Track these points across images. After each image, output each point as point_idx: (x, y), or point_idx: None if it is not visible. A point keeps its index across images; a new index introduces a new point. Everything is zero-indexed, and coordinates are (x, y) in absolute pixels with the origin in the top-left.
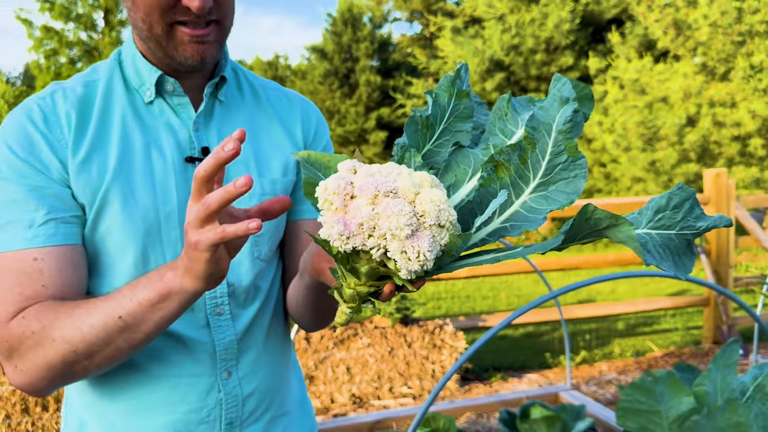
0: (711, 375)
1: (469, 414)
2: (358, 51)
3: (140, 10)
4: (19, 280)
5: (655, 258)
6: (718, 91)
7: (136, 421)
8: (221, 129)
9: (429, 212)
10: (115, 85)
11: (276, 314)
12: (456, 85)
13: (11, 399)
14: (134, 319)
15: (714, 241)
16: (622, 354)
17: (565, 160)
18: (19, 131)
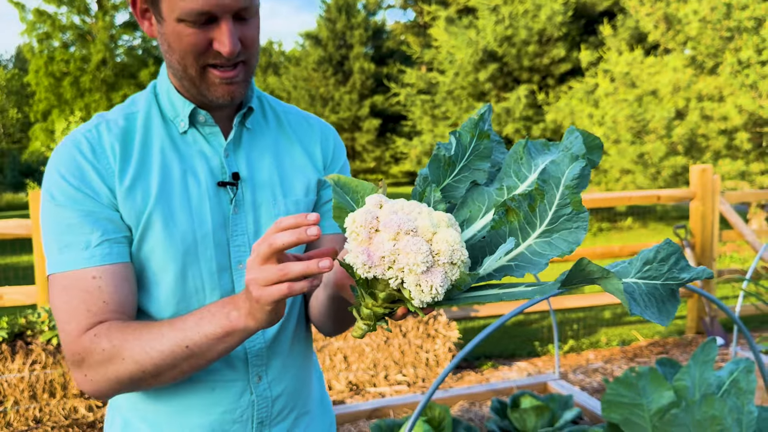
0: (690, 370)
1: (462, 402)
2: (352, 38)
3: (176, 53)
4: (83, 297)
5: (640, 306)
6: (707, 85)
7: (177, 420)
8: (249, 154)
9: (444, 251)
10: (153, 117)
11: (299, 322)
12: (479, 127)
13: (19, 386)
14: (200, 349)
15: (699, 235)
16: (608, 343)
17: (570, 212)
18: (70, 161)
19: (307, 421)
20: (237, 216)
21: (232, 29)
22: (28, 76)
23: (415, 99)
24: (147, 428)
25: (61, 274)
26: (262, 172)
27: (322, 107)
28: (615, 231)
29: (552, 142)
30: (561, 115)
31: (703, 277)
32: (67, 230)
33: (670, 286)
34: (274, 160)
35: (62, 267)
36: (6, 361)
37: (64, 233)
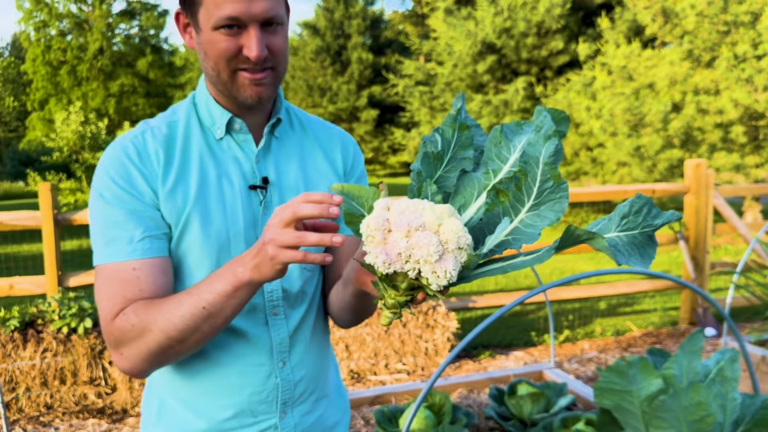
0: (678, 360)
1: (461, 390)
2: (350, 27)
3: (210, 60)
4: (122, 285)
5: (624, 256)
6: (703, 79)
7: (209, 401)
8: (277, 160)
9: (451, 239)
10: (192, 125)
11: (318, 314)
12: (458, 120)
13: (31, 373)
14: (215, 308)
15: (693, 228)
16: (603, 333)
17: (552, 185)
18: (118, 165)
19: (326, 404)
20: (266, 216)
21: (259, 36)
22: (25, 64)
23: (413, 90)
24: (182, 408)
25: (106, 265)
26: (289, 177)
27: (320, 97)
28: None
29: (524, 122)
30: (559, 108)
31: (673, 219)
32: (114, 226)
33: (647, 232)
34: (299, 165)
35: (107, 259)
36: (18, 349)
37: (111, 229)
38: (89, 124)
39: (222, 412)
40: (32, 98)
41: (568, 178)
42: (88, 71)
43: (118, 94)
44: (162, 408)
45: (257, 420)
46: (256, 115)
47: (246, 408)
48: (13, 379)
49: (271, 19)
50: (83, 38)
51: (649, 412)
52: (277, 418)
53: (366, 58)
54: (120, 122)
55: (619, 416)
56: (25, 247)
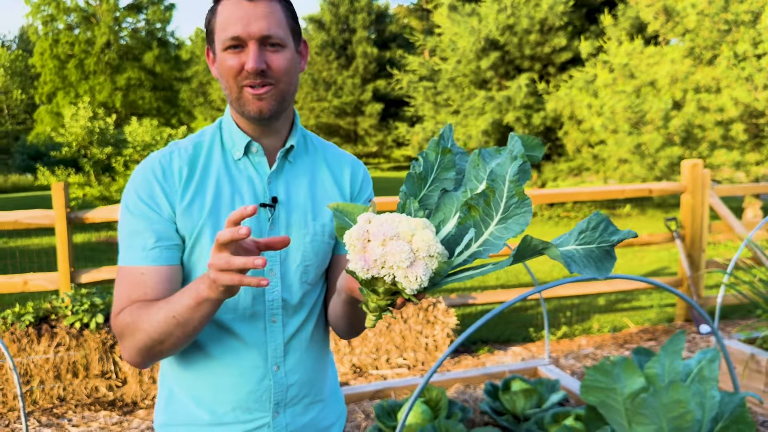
0: (660, 359)
1: (458, 385)
2: (355, 22)
3: (223, 79)
4: (129, 287)
5: (579, 266)
6: (705, 76)
7: (210, 395)
8: (288, 182)
9: (422, 248)
10: (215, 147)
11: (318, 325)
12: (440, 145)
13: (44, 366)
14: (183, 318)
15: (689, 227)
16: (600, 330)
17: (517, 201)
18: (144, 182)
19: (320, 407)
20: (272, 232)
21: (256, 51)
22: (33, 58)
23: (417, 86)
24: (188, 400)
25: (122, 267)
26: (298, 198)
27: (325, 91)
28: (614, 218)
29: (501, 147)
30: (561, 104)
31: (629, 236)
32: (133, 234)
33: (604, 247)
34: (308, 187)
35: (124, 262)
36: (32, 344)
37: (130, 236)
38: (97, 119)
39: (221, 406)
40: (40, 91)
41: (570, 174)
42: (95, 65)
43: (125, 87)
44: (170, 397)
45: (252, 417)
46: (271, 138)
47: (242, 405)
48: (28, 373)
49: (268, 38)
50: (90, 32)
51: (632, 409)
52: (270, 417)
53: (371, 53)
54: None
55: (604, 413)
56: (35, 240)
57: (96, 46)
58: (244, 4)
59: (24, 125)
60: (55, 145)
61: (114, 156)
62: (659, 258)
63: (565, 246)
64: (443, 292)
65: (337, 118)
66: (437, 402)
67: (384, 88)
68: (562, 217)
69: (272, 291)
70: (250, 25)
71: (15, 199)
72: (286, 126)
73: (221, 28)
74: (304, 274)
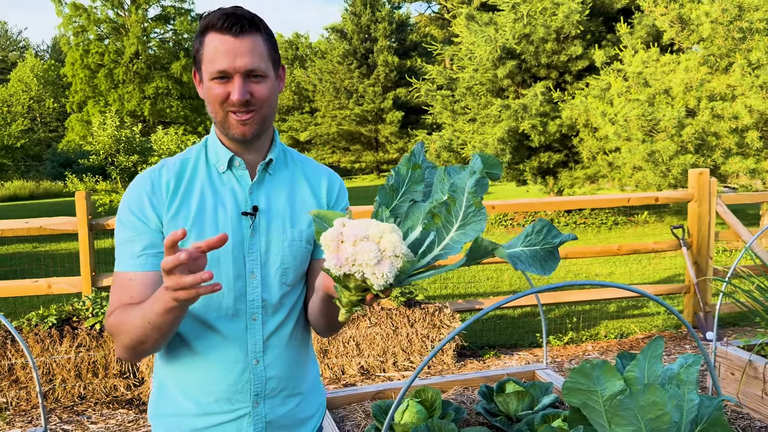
0: (639, 363)
1: (457, 387)
2: (376, 31)
3: (209, 104)
4: (120, 291)
5: (524, 264)
6: (720, 84)
7: (196, 387)
8: (269, 193)
9: (388, 248)
10: (200, 162)
11: (298, 324)
12: (412, 161)
13: (66, 366)
14: (156, 323)
15: (695, 235)
16: (606, 336)
17: (474, 210)
18: (136, 196)
19: (298, 400)
20: (253, 238)
21: (241, 84)
22: (65, 67)
23: (435, 94)
24: (175, 390)
25: (116, 273)
26: (278, 206)
27: (346, 99)
28: (630, 225)
29: (466, 165)
30: (576, 112)
31: (570, 239)
32: (123, 243)
33: (547, 248)
34: (288, 197)
35: (117, 268)
36: (55, 344)
37: (122, 245)
38: (124, 128)
39: (206, 397)
40: (71, 100)
41: (586, 181)
42: (124, 74)
43: (153, 96)
44: (161, 389)
45: (234, 407)
46: (252, 154)
47: (225, 396)
48: (51, 372)
49: (252, 71)
50: (120, 42)
51: (611, 410)
52: (251, 407)
53: (392, 61)
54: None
55: (586, 414)
56: (63, 245)
57: (125, 56)
58: (230, 39)
59: (56, 133)
60: (84, 153)
61: (140, 164)
62: (674, 265)
63: (513, 248)
64: (455, 294)
65: (358, 125)
66: (432, 402)
67: (404, 96)
68: (579, 224)
69: (253, 291)
70: (236, 60)
71: (46, 205)
72: (266, 142)
73: (209, 59)
74: (283, 276)
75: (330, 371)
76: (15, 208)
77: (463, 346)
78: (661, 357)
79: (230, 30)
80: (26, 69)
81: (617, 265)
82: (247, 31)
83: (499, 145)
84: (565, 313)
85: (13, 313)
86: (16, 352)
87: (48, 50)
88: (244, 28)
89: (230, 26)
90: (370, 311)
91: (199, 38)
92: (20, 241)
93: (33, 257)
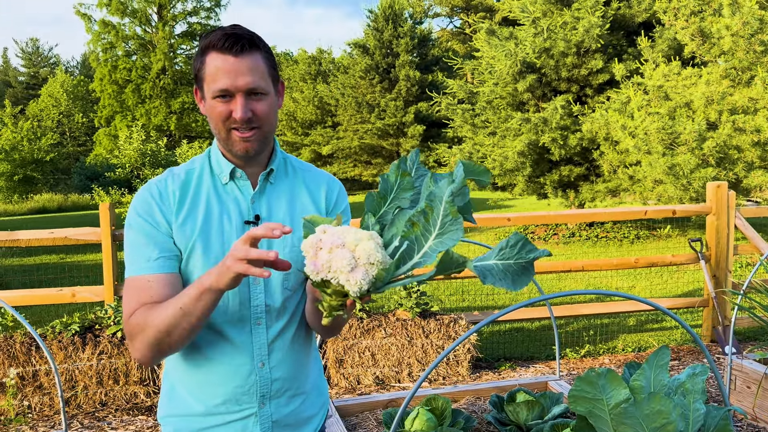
0: (645, 372)
1: (468, 397)
2: (398, 47)
3: (212, 121)
4: (138, 293)
5: (495, 278)
6: (742, 97)
7: (205, 389)
8: (270, 201)
9: (362, 256)
10: (204, 173)
11: (300, 327)
12: (401, 168)
13: (88, 373)
14: (188, 308)
15: (714, 248)
16: (624, 349)
17: (451, 219)
18: (144, 202)
19: (302, 399)
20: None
21: (243, 103)
22: (93, 83)
23: (456, 108)
24: (186, 393)
25: (130, 277)
26: (279, 213)
27: (368, 113)
28: (652, 239)
29: (450, 173)
30: (596, 126)
31: (544, 255)
32: (138, 248)
33: (521, 263)
34: (288, 204)
35: (131, 273)
36: (78, 351)
37: (136, 250)
38: (150, 142)
39: (213, 399)
40: (99, 115)
41: (607, 195)
42: (151, 89)
43: (179, 111)
44: (171, 391)
45: (241, 408)
46: (253, 166)
47: (232, 397)
48: (73, 378)
49: (253, 90)
50: (147, 58)
51: (616, 419)
52: (257, 408)
53: (413, 76)
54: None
55: (593, 422)
56: (89, 256)
57: (152, 72)
58: (231, 59)
59: (84, 147)
60: (110, 166)
61: None
62: (695, 278)
63: (487, 260)
64: (473, 307)
65: (380, 139)
66: (442, 411)
67: (425, 110)
68: (600, 237)
69: (257, 297)
70: (237, 79)
71: (73, 217)
72: (266, 154)
73: (211, 78)
74: (285, 281)
75: (345, 381)
76: (43, 220)
77: (478, 358)
78: (667, 366)
79: (231, 50)
80: (56, 84)
81: (638, 279)
82: (247, 50)
83: (519, 158)
84: (583, 326)
85: (39, 321)
86: (40, 358)
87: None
88: (245, 47)
89: (231, 46)
90: (385, 321)
91: (201, 57)
92: (47, 252)
93: (59, 268)
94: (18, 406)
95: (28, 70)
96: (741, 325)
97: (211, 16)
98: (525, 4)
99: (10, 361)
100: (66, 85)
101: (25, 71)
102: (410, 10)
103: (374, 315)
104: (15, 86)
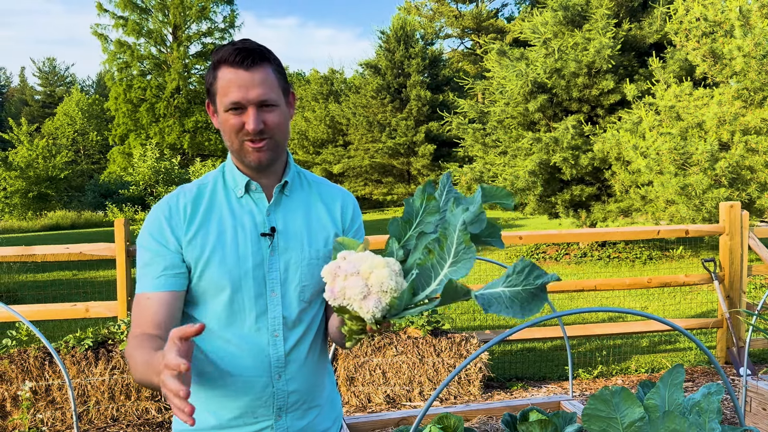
0: (659, 391)
1: (481, 416)
2: (409, 67)
3: (225, 134)
4: (139, 311)
5: (501, 307)
6: (755, 118)
7: (220, 402)
8: (285, 213)
9: (375, 284)
10: (218, 187)
11: (316, 338)
12: (426, 192)
13: (100, 388)
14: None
15: (727, 268)
16: (638, 370)
17: (464, 247)
18: (155, 221)
19: (317, 412)
20: (273, 257)
21: (254, 114)
22: (108, 102)
23: (466, 128)
24: (199, 406)
25: (137, 294)
26: (295, 226)
27: (379, 132)
28: (665, 260)
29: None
30: (608, 146)
31: (552, 280)
32: (145, 266)
33: (529, 290)
34: (304, 217)
35: (137, 290)
36: (90, 366)
37: (144, 268)
38: (163, 160)
39: (229, 412)
40: (114, 133)
41: (619, 215)
42: (165, 108)
43: (192, 130)
44: None
45: (257, 420)
46: (268, 178)
47: (248, 410)
48: (86, 393)
49: (264, 102)
50: (162, 78)
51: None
52: (273, 420)
53: (424, 96)
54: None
55: None
56: (102, 272)
57: (166, 91)
58: (242, 73)
59: (98, 165)
60: (124, 184)
61: None
62: (709, 299)
63: (494, 288)
64: (484, 326)
65: (390, 158)
66: (454, 429)
67: (436, 129)
68: (612, 258)
69: (274, 309)
70: (249, 92)
71: (87, 234)
72: (281, 167)
73: (223, 92)
74: (302, 293)
75: (356, 399)
76: (57, 236)
77: (490, 378)
78: (682, 385)
79: (242, 63)
80: (72, 103)
81: (650, 299)
82: (257, 63)
83: (530, 177)
84: (596, 347)
85: (52, 336)
86: (53, 373)
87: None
88: (255, 60)
89: (242, 60)
90: (396, 339)
91: (213, 72)
92: (61, 268)
93: (73, 284)
94: (30, 421)
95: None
96: (755, 346)
97: (225, 36)
98: (536, 26)
99: (24, 375)
100: (81, 103)
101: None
102: (421, 31)
103: (385, 333)
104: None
